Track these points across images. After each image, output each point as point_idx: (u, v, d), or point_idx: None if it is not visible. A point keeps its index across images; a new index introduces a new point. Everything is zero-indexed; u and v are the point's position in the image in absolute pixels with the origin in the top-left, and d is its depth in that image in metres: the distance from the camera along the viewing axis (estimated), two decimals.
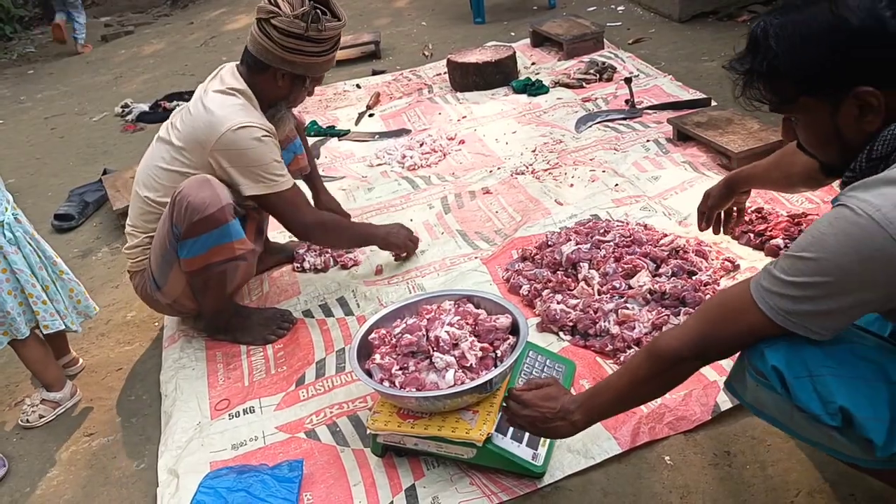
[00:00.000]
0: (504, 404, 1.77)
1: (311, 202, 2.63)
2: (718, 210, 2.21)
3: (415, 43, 5.34)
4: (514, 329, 1.94)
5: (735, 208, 2.23)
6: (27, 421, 2.30)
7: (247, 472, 1.94)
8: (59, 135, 4.85)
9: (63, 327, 2.28)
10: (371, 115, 4.13)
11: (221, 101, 2.23)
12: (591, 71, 4.06)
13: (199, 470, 1.98)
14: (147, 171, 2.35)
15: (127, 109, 4.88)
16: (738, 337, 1.29)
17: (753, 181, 2.05)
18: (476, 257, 2.69)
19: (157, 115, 4.68)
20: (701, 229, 2.28)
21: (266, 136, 2.25)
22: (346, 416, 2.08)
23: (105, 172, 3.78)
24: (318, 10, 2.20)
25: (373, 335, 1.98)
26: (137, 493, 2.00)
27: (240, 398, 2.23)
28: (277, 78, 2.30)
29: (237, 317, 2.48)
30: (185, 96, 4.71)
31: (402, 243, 2.64)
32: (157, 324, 2.68)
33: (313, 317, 2.52)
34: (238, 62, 2.36)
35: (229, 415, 2.17)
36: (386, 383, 1.85)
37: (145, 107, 4.82)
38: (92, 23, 8.28)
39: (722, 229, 2.27)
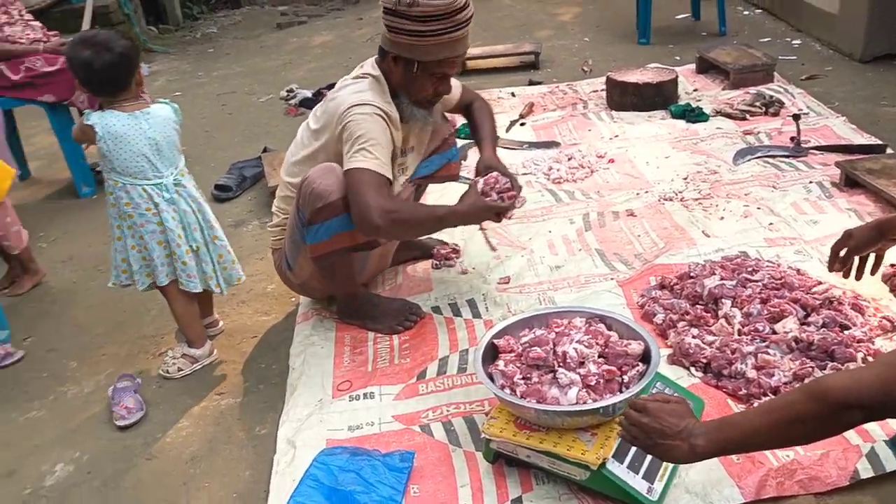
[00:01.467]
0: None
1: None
2: (859, 254, 2.11)
3: (575, 57, 5.30)
4: (644, 357, 1.88)
5: (875, 255, 2.12)
6: (167, 372, 2.46)
7: (360, 454, 1.99)
8: (228, 111, 5.15)
9: (199, 289, 2.40)
10: (522, 125, 4.13)
11: (350, 86, 2.31)
12: (757, 103, 3.88)
13: (316, 445, 2.04)
14: (290, 156, 2.46)
15: (291, 94, 5.12)
16: None
17: None
18: (612, 278, 2.63)
19: (318, 101, 4.86)
20: (833, 270, 2.20)
21: (377, 114, 2.22)
22: (461, 417, 2.09)
23: (265, 150, 3.99)
24: None
25: (500, 340, 1.98)
26: (255, 457, 2.08)
27: (361, 382, 2.28)
28: (394, 63, 2.27)
29: (368, 304, 2.54)
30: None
31: (480, 217, 2.32)
32: (293, 299, 2.78)
33: (442, 314, 2.55)
34: None
35: (350, 396, 2.22)
36: (507, 390, 1.84)
37: (308, 93, 5.04)
38: (269, 10, 8.79)
39: (854, 275, 2.15)
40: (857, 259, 2.14)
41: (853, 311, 2.19)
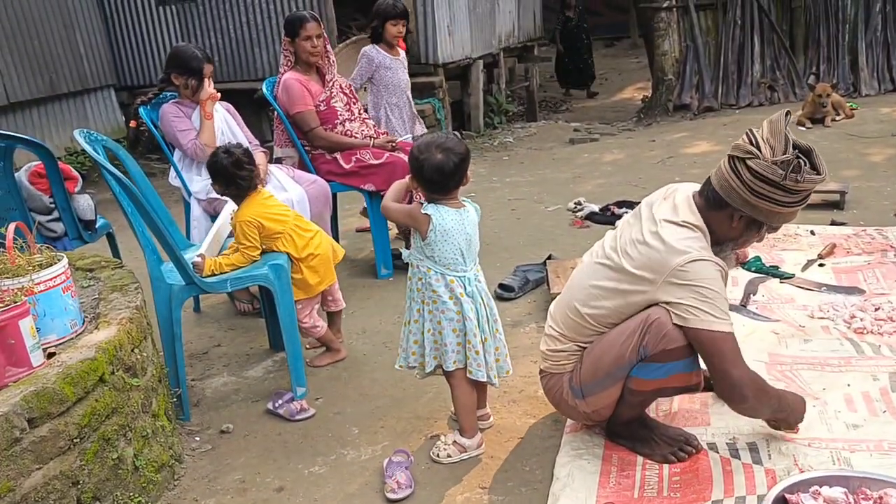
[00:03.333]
0: None
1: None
2: None
3: (886, 201, 4.89)
4: None
5: None
6: (437, 455, 2.57)
7: None
8: (517, 216, 5.42)
9: (484, 378, 2.52)
10: (822, 266, 3.86)
11: (678, 234, 2.24)
12: None
13: None
14: (587, 289, 2.39)
15: (579, 206, 5.28)
16: None
17: None
18: None
19: (605, 217, 4.97)
20: None
21: (720, 271, 2.23)
22: None
23: (549, 257, 4.12)
24: (800, 160, 2.14)
25: (792, 496, 1.83)
26: None
27: None
28: (734, 218, 2.25)
29: (642, 427, 2.49)
30: (634, 205, 4.93)
31: (794, 422, 2.39)
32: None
33: (717, 452, 2.41)
34: (694, 191, 2.36)
35: None
36: None
37: (596, 207, 5.15)
38: (563, 126, 9.22)
39: None
40: None
41: None
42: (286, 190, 3.82)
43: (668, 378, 2.27)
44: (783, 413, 2.34)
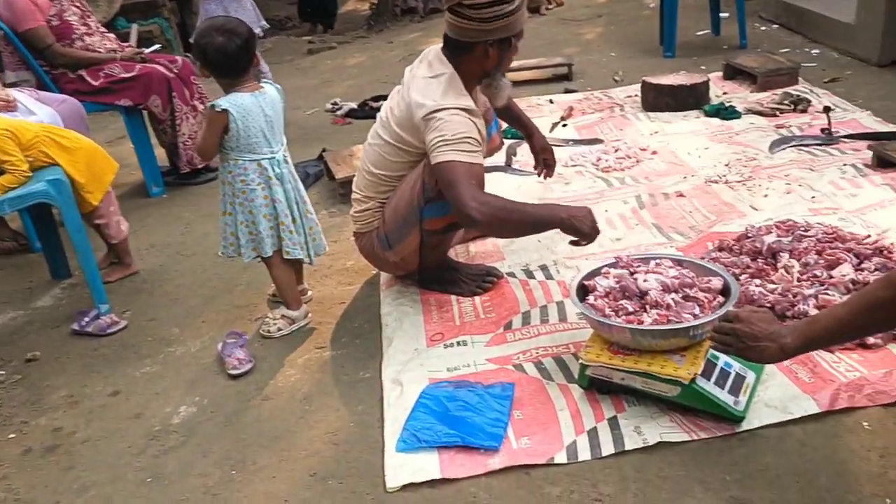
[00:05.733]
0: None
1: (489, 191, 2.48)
2: None
3: (604, 70, 5.59)
4: (723, 292, 2.11)
5: None
6: (267, 332, 2.67)
7: (463, 386, 2.20)
8: None
9: (301, 256, 2.64)
10: (565, 126, 4.39)
11: (426, 86, 2.44)
12: (786, 101, 4.14)
13: (420, 381, 2.25)
14: (374, 150, 2.63)
15: (336, 106, 5.40)
16: None
17: None
18: (671, 246, 2.86)
19: (365, 111, 5.15)
20: None
21: (457, 114, 2.39)
22: (550, 357, 2.30)
23: (324, 150, 4.24)
24: None
25: (589, 282, 2.20)
26: (364, 394, 2.29)
27: (452, 333, 2.50)
28: (487, 51, 2.42)
29: (449, 270, 2.77)
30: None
31: (588, 229, 2.34)
32: (374, 271, 3.00)
33: (516, 278, 2.78)
34: (441, 48, 2.52)
35: (444, 345, 2.44)
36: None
37: (354, 104, 5.31)
38: (295, 40, 9.14)
39: None
40: None
41: None
42: (34, 113, 3.52)
43: (447, 216, 2.50)
44: (559, 223, 2.35)
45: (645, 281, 2.10)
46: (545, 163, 3.07)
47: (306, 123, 5.27)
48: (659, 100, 4.37)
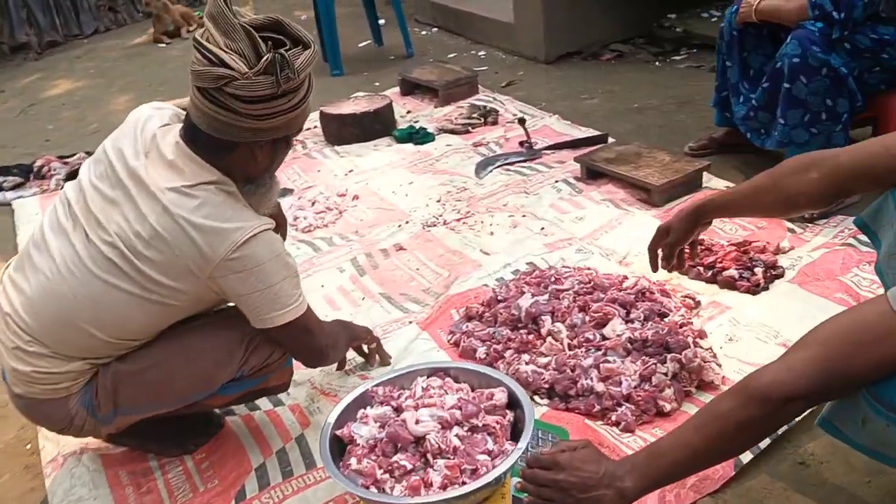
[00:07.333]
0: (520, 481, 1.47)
1: None
2: (681, 246, 2.02)
3: None
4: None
5: (688, 242, 2.07)
6: None
7: None
8: None
9: None
10: None
11: (204, 212, 1.63)
12: (475, 115, 3.91)
13: None
14: (94, 304, 1.68)
15: None
16: (874, 368, 1.12)
17: (729, 210, 1.88)
18: (410, 321, 2.40)
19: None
20: (657, 270, 2.07)
21: (265, 238, 1.69)
22: None
23: None
24: (280, 53, 1.54)
25: (342, 430, 1.64)
26: None
27: None
28: (255, 152, 1.69)
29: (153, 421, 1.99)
30: (14, 170, 4.08)
31: (367, 339, 2.21)
32: (28, 447, 2.15)
33: (236, 414, 2.11)
34: (176, 134, 1.71)
35: None
36: (373, 489, 1.52)
37: None
38: None
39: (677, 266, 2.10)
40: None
41: (663, 296, 2.19)
42: None
43: (246, 392, 1.93)
44: (355, 340, 2.18)
45: (417, 422, 1.59)
46: None
47: None
48: (343, 131, 3.90)
